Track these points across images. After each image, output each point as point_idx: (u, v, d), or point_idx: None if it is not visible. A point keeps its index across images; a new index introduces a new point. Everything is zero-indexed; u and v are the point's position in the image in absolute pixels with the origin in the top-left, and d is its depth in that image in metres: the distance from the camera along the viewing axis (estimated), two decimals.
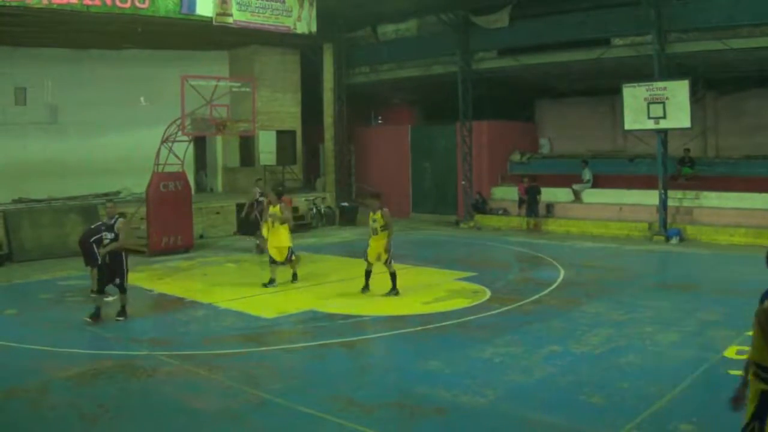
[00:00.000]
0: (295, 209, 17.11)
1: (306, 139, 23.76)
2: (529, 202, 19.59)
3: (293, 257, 12.02)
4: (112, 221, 9.74)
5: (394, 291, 11.00)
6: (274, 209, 11.94)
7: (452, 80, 20.90)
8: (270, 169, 22.48)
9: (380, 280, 12.03)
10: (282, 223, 11.80)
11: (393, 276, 11.05)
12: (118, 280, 9.63)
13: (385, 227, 11.00)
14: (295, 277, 12.18)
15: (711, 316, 9.39)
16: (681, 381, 6.77)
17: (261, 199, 15.15)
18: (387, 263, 11.01)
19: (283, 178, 22.46)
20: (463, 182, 21.57)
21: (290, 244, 11.93)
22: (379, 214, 11.04)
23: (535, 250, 15.94)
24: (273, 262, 11.92)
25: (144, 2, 16.52)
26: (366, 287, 11.17)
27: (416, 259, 14.36)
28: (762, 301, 4.48)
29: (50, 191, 18.99)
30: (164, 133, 16.10)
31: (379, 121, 28.14)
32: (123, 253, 9.77)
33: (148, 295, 11.68)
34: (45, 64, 19.72)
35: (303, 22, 19.97)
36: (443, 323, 9.37)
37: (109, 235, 9.63)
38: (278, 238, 11.86)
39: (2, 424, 6.27)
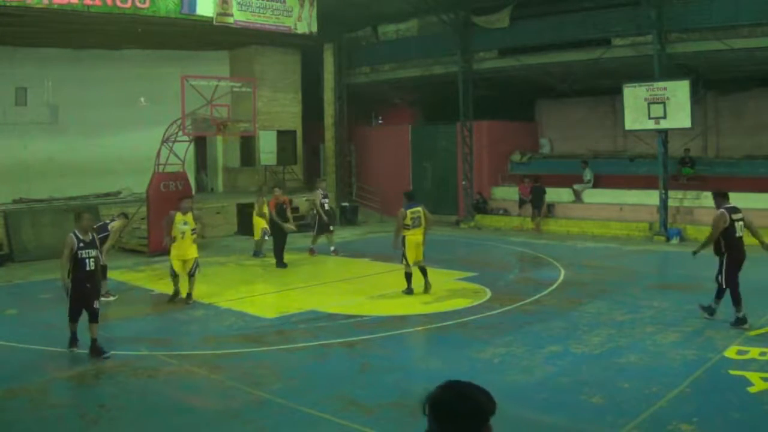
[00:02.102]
0: (295, 209, 17.43)
1: (306, 139, 23.77)
2: (534, 202, 19.58)
3: (196, 272, 10.75)
4: (90, 237, 8.15)
5: (408, 290, 11.06)
6: (186, 218, 10.80)
7: (453, 80, 20.90)
8: (271, 169, 22.51)
9: (380, 280, 12.07)
10: (197, 234, 10.91)
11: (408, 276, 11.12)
12: (96, 305, 8.11)
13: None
14: (189, 296, 10.71)
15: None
16: (681, 381, 6.76)
17: (324, 201, 15.19)
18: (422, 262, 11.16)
19: (284, 178, 22.48)
20: (463, 182, 21.57)
21: (196, 255, 10.82)
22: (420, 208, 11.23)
23: (535, 250, 15.93)
24: (175, 275, 10.81)
25: (144, 2, 16.54)
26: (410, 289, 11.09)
27: None
28: None
29: (51, 191, 19.01)
30: (165, 133, 16.11)
31: (380, 121, 28.13)
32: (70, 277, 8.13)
33: (149, 295, 11.70)
34: (45, 64, 19.73)
35: (303, 22, 19.98)
36: (444, 323, 9.38)
37: (93, 253, 8.07)
38: (184, 250, 10.73)
39: (3, 423, 6.27)
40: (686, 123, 16.41)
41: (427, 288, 11.06)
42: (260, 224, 15.14)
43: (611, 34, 17.83)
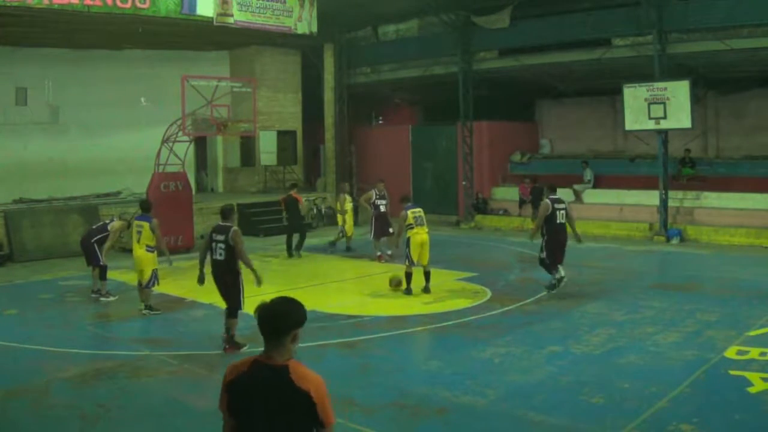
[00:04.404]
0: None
1: (307, 139, 23.76)
2: (534, 203, 19.58)
3: (154, 285, 10.27)
4: (224, 235, 8.19)
5: (407, 290, 11.09)
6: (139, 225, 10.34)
7: (453, 80, 20.88)
8: (271, 170, 22.51)
9: (381, 280, 12.05)
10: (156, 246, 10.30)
11: (408, 276, 11.13)
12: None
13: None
14: (150, 308, 10.19)
15: (711, 316, 9.39)
16: (682, 381, 6.76)
17: (379, 202, 14.94)
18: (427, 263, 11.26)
19: (284, 178, 22.47)
20: (463, 182, 21.56)
21: (154, 267, 10.25)
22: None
23: (535, 250, 15.87)
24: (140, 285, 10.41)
25: (144, 2, 16.51)
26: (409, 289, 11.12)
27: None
28: None
29: (51, 191, 18.99)
30: (165, 134, 16.11)
31: (380, 121, 28.13)
32: (238, 270, 8.25)
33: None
34: (46, 64, 19.70)
35: (304, 22, 19.96)
36: (444, 323, 9.38)
37: (221, 243, 8.22)
38: (138, 261, 10.27)
39: (3, 424, 6.27)
40: (686, 123, 16.40)
41: (426, 290, 11.07)
42: (339, 221, 15.97)
43: (611, 34, 17.81)
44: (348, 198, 16.15)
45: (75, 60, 20.16)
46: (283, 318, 3.10)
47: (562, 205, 11.04)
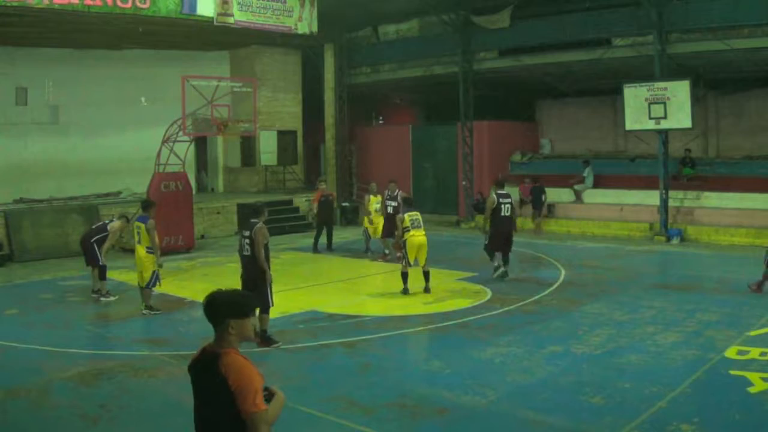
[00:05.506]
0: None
1: (307, 139, 23.77)
2: (534, 203, 19.59)
3: (155, 285, 10.15)
4: (249, 231, 8.33)
5: (405, 290, 11.09)
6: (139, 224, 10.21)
7: (453, 80, 20.89)
8: (271, 169, 22.51)
9: (380, 280, 12.05)
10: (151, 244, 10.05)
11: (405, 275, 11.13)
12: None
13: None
14: (150, 308, 10.13)
15: (711, 316, 9.39)
16: (682, 381, 6.76)
17: (388, 203, 14.75)
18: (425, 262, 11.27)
19: (284, 178, 22.48)
20: (463, 182, 21.56)
21: (154, 268, 10.06)
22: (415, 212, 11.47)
23: (535, 250, 15.92)
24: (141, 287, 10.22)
25: (145, 2, 16.50)
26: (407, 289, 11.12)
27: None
28: None
29: (51, 191, 19.00)
30: (165, 133, 16.11)
31: (380, 121, 28.15)
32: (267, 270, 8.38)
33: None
34: (46, 64, 19.72)
35: (304, 22, 19.95)
36: (444, 323, 9.37)
37: (247, 239, 8.37)
38: (140, 261, 10.10)
39: (3, 424, 6.27)
40: (687, 123, 16.40)
41: (426, 290, 11.09)
42: (365, 222, 15.91)
43: (612, 34, 17.80)
44: (373, 198, 15.75)
45: (75, 60, 20.16)
46: (216, 307, 3.36)
47: (507, 200, 12.13)
